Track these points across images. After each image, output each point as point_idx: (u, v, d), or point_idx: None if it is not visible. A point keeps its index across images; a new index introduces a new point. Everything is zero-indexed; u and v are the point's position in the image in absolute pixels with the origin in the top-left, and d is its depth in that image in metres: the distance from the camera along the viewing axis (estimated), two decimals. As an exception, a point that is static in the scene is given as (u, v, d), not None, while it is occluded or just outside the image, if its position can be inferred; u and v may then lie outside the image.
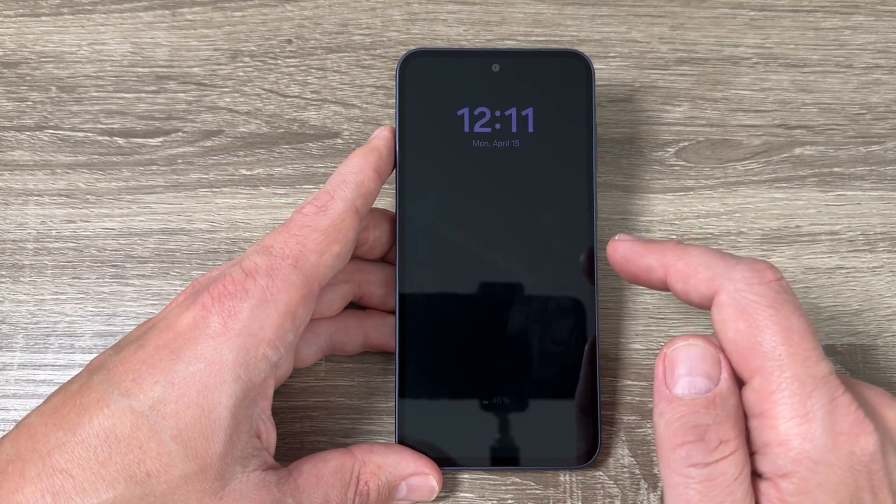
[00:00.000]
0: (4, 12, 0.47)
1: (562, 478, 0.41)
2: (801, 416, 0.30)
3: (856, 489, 0.30)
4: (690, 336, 0.32)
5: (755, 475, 0.31)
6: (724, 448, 0.30)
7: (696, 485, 0.30)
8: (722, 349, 0.32)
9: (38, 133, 0.45)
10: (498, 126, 0.40)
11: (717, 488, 0.30)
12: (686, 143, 0.46)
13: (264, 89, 0.46)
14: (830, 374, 0.30)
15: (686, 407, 0.31)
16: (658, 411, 0.32)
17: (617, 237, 0.36)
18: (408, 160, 0.40)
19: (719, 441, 0.30)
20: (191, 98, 0.46)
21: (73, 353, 0.43)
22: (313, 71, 0.46)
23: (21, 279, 0.43)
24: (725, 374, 0.31)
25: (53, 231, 0.44)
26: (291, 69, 0.46)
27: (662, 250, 0.34)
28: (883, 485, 0.30)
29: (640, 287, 0.44)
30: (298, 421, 0.42)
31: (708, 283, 0.32)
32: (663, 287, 0.35)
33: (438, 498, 0.40)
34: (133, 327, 0.38)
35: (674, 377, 0.32)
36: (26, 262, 0.44)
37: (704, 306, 0.33)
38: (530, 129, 0.40)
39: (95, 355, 0.35)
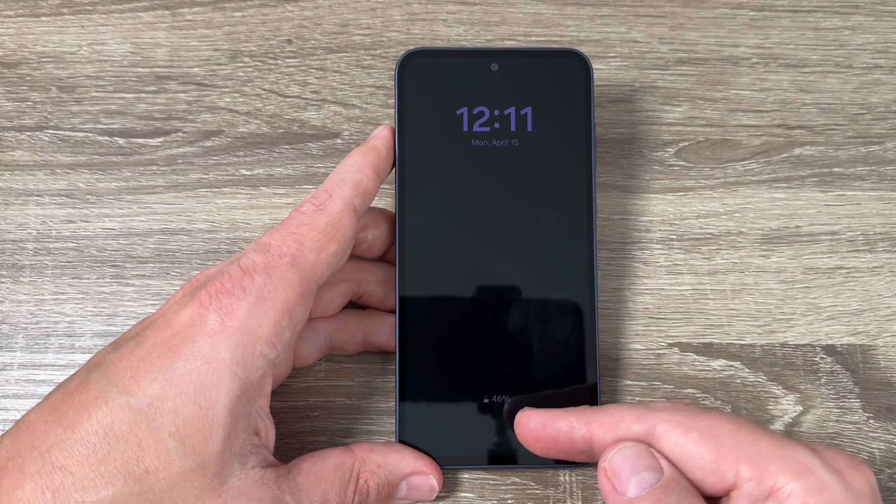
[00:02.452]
0: (4, 12, 0.47)
1: (562, 478, 0.41)
2: (804, 472, 0.31)
3: None
4: (617, 442, 0.33)
5: None
6: None
7: None
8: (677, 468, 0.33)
9: (38, 133, 0.45)
10: (497, 125, 0.40)
11: None
12: (686, 143, 0.46)
13: (264, 89, 0.46)
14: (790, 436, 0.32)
15: (650, 498, 0.31)
16: None
17: (522, 411, 0.36)
18: (407, 159, 0.40)
19: None
20: (191, 98, 0.46)
21: (73, 353, 0.43)
22: (313, 71, 0.47)
23: (21, 279, 0.43)
24: (664, 462, 0.32)
25: (53, 231, 0.44)
26: (291, 69, 0.47)
27: (578, 410, 0.35)
28: None
29: (641, 287, 0.44)
30: (298, 421, 0.42)
31: (639, 420, 0.33)
32: (583, 449, 0.35)
33: (438, 498, 0.40)
34: (133, 327, 0.38)
35: (622, 482, 0.32)
36: (26, 262, 0.44)
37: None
38: (529, 129, 0.40)
39: (95, 355, 0.35)
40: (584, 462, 0.36)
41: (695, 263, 0.44)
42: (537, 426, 0.35)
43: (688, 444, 0.32)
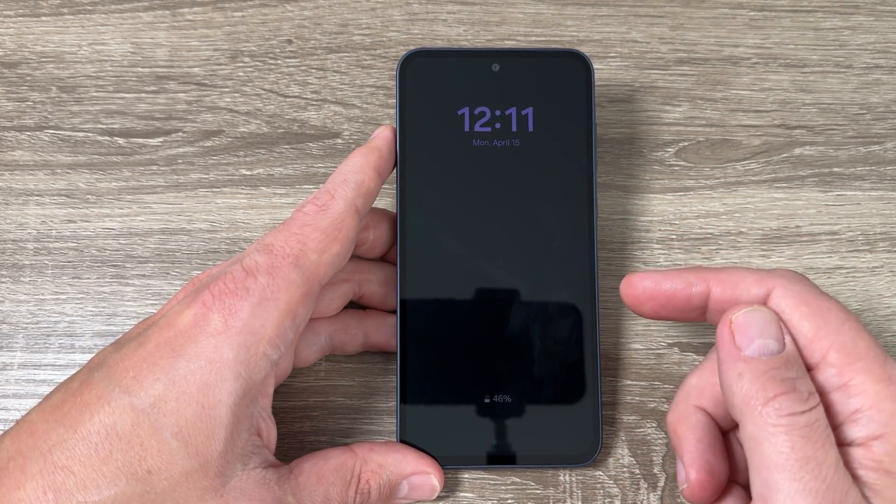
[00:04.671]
0: (4, 12, 0.47)
1: (562, 478, 0.41)
2: (884, 381, 0.32)
3: None
4: (749, 304, 0.34)
5: (841, 445, 0.32)
6: (813, 399, 0.31)
7: (797, 432, 0.30)
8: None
9: (38, 133, 0.45)
10: (498, 126, 0.40)
11: (816, 433, 0.30)
12: (686, 143, 0.46)
13: (264, 89, 0.46)
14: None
15: (768, 364, 0.32)
16: (736, 371, 0.32)
17: (629, 275, 0.37)
18: (408, 160, 0.40)
19: (808, 392, 0.31)
20: (191, 98, 0.46)
21: (74, 353, 0.43)
22: (313, 71, 0.47)
23: (21, 279, 0.43)
24: (788, 338, 0.33)
25: (54, 231, 0.44)
26: (291, 69, 0.46)
27: (694, 269, 0.36)
28: None
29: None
30: (298, 421, 0.42)
31: (759, 283, 0.34)
32: (697, 306, 0.36)
33: (438, 497, 0.40)
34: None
35: (746, 339, 0.32)
36: (26, 262, 0.44)
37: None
38: (530, 129, 0.40)
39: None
40: (690, 320, 0.37)
41: (695, 263, 0.44)
42: (650, 286, 0.36)
43: (794, 314, 0.33)
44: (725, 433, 0.38)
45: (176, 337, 0.33)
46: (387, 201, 0.44)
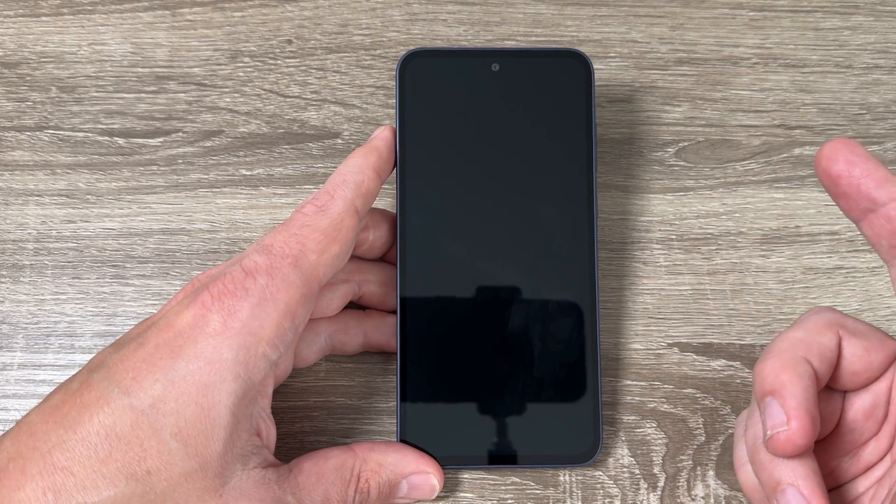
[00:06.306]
0: (4, 12, 0.47)
1: (561, 478, 0.41)
2: None
3: None
4: None
5: None
6: None
7: None
8: None
9: (38, 133, 0.45)
10: (498, 126, 0.40)
11: None
12: (686, 144, 0.46)
13: (264, 89, 0.46)
14: None
15: None
16: None
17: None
18: (408, 160, 0.40)
19: None
20: (191, 98, 0.46)
21: (74, 353, 0.43)
22: (313, 71, 0.47)
23: (21, 279, 0.43)
24: None
25: (54, 231, 0.44)
26: (291, 69, 0.47)
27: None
28: None
29: (641, 287, 0.44)
30: (298, 421, 0.42)
31: None
32: (869, 200, 0.32)
33: (438, 497, 0.40)
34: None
35: None
36: (26, 262, 0.44)
37: None
38: (530, 129, 0.40)
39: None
40: (846, 209, 0.32)
41: (695, 263, 0.44)
42: (861, 153, 0.31)
43: None
44: None
45: (175, 338, 0.33)
46: (387, 201, 0.44)
